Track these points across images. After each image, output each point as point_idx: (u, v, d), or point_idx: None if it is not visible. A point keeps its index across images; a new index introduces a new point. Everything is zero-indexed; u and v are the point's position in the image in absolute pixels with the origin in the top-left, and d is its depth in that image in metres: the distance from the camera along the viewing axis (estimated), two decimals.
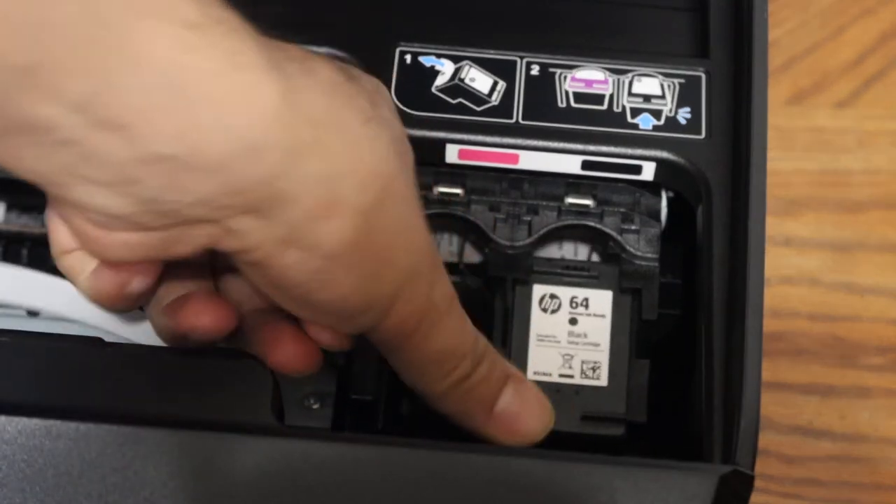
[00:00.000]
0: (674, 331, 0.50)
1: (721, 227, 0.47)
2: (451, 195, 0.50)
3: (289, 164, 0.36)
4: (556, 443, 0.46)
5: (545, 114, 0.50)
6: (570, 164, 0.50)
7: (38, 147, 0.35)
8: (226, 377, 0.42)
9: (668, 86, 0.50)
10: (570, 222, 0.50)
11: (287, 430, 0.43)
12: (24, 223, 0.51)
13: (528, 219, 0.50)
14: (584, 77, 0.50)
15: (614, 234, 0.50)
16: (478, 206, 0.50)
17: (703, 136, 0.49)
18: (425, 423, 0.48)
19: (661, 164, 0.49)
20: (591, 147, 0.49)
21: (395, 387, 0.49)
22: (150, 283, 0.41)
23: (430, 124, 0.49)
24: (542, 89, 0.50)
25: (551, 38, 0.52)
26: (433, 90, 0.50)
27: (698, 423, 0.45)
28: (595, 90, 0.50)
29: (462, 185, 0.51)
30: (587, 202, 0.50)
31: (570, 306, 0.49)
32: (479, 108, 0.50)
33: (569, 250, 0.52)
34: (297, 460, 0.40)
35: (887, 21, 0.74)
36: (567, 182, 0.50)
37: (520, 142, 0.49)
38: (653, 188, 0.51)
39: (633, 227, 0.50)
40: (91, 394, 0.42)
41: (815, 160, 0.71)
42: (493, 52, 0.50)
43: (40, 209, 0.47)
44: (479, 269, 0.51)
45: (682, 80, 0.50)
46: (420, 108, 0.49)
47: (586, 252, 0.52)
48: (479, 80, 0.50)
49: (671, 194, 0.51)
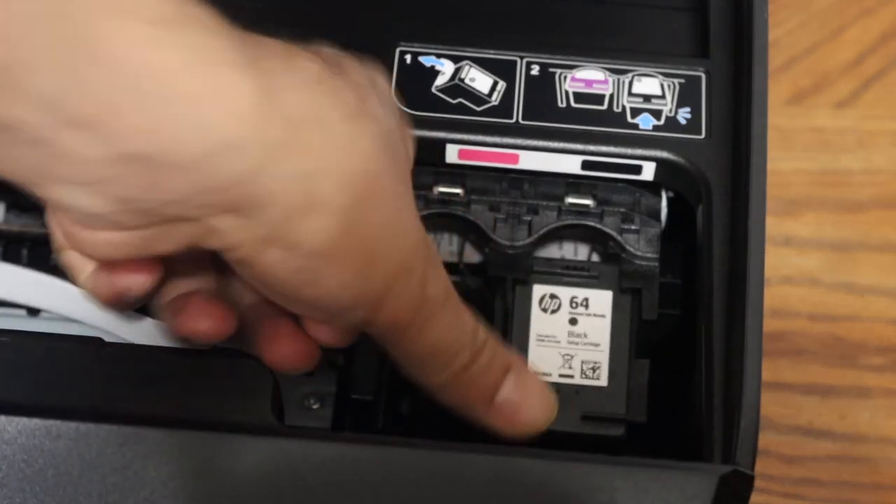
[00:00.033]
0: (674, 331, 0.50)
1: (721, 227, 0.47)
2: (451, 195, 0.50)
3: (265, 163, 0.36)
4: (556, 443, 0.46)
5: (545, 114, 0.50)
6: (570, 164, 0.50)
7: (10, 147, 0.35)
8: (226, 377, 0.42)
9: (668, 86, 0.50)
10: (570, 222, 0.50)
11: (287, 430, 0.43)
12: (24, 223, 0.51)
13: (528, 219, 0.50)
14: (584, 77, 0.50)
15: (614, 234, 0.50)
16: (478, 206, 0.50)
17: (703, 136, 0.49)
18: (425, 423, 0.48)
19: (661, 164, 0.49)
20: (591, 147, 0.49)
21: (395, 387, 0.49)
22: (151, 283, 0.41)
23: (430, 124, 0.49)
24: (542, 89, 0.50)
25: (551, 38, 0.52)
26: (433, 90, 0.50)
27: (698, 424, 0.45)
28: (595, 90, 0.50)
29: (462, 185, 0.50)
30: (587, 202, 0.50)
31: (570, 306, 0.49)
32: (479, 108, 0.50)
33: (569, 250, 0.52)
34: (297, 460, 0.40)
35: (887, 21, 0.74)
36: (567, 182, 0.50)
37: (520, 142, 0.49)
38: (653, 188, 0.51)
39: (633, 227, 0.50)
40: (91, 394, 0.42)
41: (815, 160, 0.71)
42: (493, 52, 0.50)
43: (40, 209, 0.47)
44: (479, 269, 0.51)
45: (682, 80, 0.50)
46: (420, 108, 0.49)
47: (586, 252, 0.52)
48: (479, 80, 0.50)
49: (671, 194, 0.51)
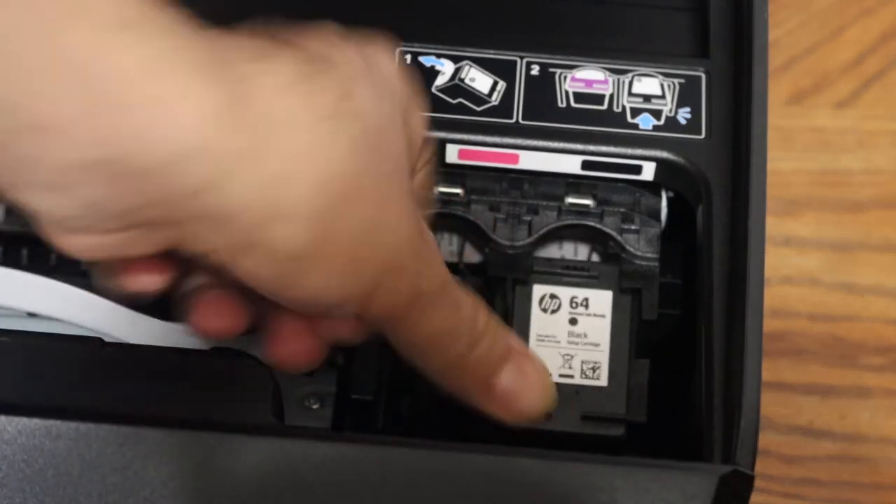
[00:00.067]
0: (674, 331, 0.50)
1: (721, 227, 0.47)
2: (451, 195, 0.50)
3: (230, 170, 0.35)
4: (556, 443, 0.46)
5: (545, 114, 0.50)
6: (570, 164, 0.50)
7: None
8: (226, 377, 0.43)
9: (668, 86, 0.50)
10: (570, 222, 0.50)
11: (287, 430, 0.43)
12: (24, 223, 0.50)
13: (528, 219, 0.50)
14: (584, 77, 0.50)
15: (614, 234, 0.50)
16: (478, 206, 0.50)
17: (703, 136, 0.49)
18: (425, 423, 0.48)
19: (661, 164, 0.49)
20: (591, 147, 0.49)
21: (395, 387, 0.49)
22: (164, 281, 0.40)
23: (430, 124, 0.49)
24: (542, 89, 0.50)
25: (551, 38, 0.52)
26: (433, 90, 0.50)
27: (698, 424, 0.45)
28: (595, 90, 0.50)
29: (462, 185, 0.50)
30: (587, 202, 0.50)
31: (570, 306, 0.49)
32: (479, 108, 0.50)
33: (569, 250, 0.52)
34: (297, 460, 0.40)
35: (887, 21, 0.74)
36: (567, 182, 0.50)
37: (520, 142, 0.49)
38: (653, 188, 0.51)
39: (633, 227, 0.50)
40: (91, 394, 0.42)
41: (815, 160, 0.71)
42: (493, 52, 0.50)
43: None
44: (479, 269, 0.51)
45: (682, 80, 0.50)
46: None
47: (586, 252, 0.52)
48: (479, 80, 0.50)
49: (671, 194, 0.51)
